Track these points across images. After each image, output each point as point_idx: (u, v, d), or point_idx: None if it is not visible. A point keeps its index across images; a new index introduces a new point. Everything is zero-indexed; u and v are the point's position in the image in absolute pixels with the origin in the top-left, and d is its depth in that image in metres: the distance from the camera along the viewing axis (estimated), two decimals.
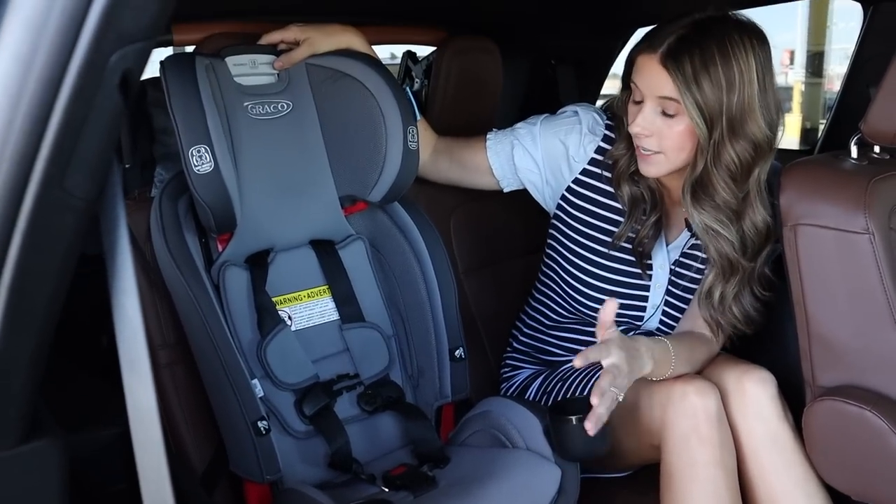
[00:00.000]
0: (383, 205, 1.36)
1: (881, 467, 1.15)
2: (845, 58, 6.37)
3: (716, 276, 1.31)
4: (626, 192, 1.36)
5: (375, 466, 1.25)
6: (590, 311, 1.43)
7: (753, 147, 1.22)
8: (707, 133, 1.20)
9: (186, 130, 1.08)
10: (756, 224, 1.28)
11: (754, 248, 1.29)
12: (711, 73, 1.17)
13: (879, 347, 1.17)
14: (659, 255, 1.40)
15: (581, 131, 1.40)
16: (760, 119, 1.21)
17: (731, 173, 1.23)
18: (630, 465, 1.39)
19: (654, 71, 1.21)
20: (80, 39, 0.42)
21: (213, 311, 1.10)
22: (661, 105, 1.22)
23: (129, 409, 0.55)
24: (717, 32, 1.19)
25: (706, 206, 1.25)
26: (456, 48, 1.68)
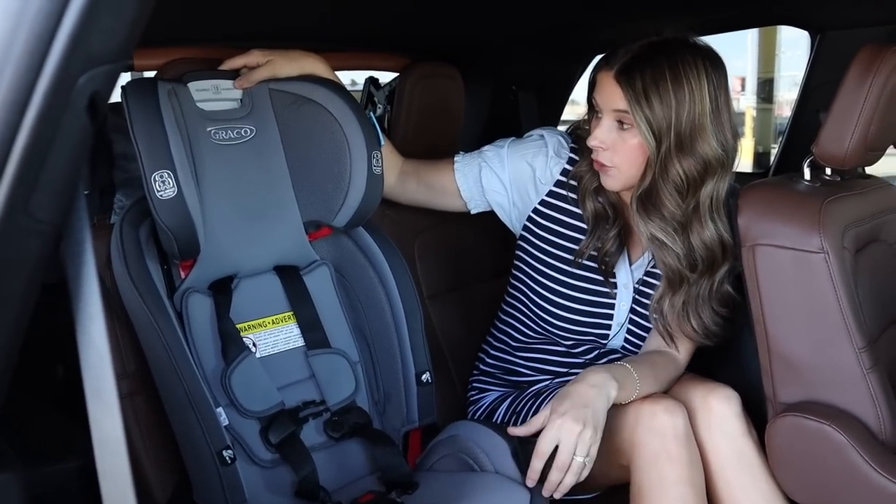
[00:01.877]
0: (348, 230, 1.36)
1: (841, 481, 1.18)
2: (793, 84, 6.57)
3: (665, 289, 1.34)
4: (589, 208, 1.39)
5: (343, 494, 1.23)
6: (557, 329, 1.45)
7: (703, 164, 1.25)
8: (655, 147, 1.24)
9: (149, 156, 1.07)
10: (705, 241, 1.30)
11: (705, 263, 1.32)
12: (661, 89, 1.21)
13: (837, 363, 1.20)
14: (622, 275, 1.42)
15: (547, 154, 1.43)
16: (712, 138, 1.25)
17: (677, 187, 1.26)
18: (598, 486, 1.39)
19: (609, 86, 1.26)
20: (47, 61, 0.41)
21: (176, 339, 1.08)
22: (616, 118, 1.27)
23: (94, 439, 0.53)
24: (670, 53, 1.24)
25: (653, 216, 1.29)
26: (418, 74, 1.70)
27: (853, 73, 1.26)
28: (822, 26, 1.72)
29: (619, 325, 1.43)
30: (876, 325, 1.29)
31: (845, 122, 1.26)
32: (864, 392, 1.19)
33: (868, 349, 1.19)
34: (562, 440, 1.15)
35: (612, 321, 1.43)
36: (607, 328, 1.43)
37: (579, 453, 1.15)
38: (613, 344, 1.45)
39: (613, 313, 1.43)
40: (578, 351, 1.47)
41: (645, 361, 1.32)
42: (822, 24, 1.72)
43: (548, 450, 1.15)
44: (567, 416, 1.15)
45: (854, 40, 1.63)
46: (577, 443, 1.15)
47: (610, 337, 1.44)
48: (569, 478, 1.16)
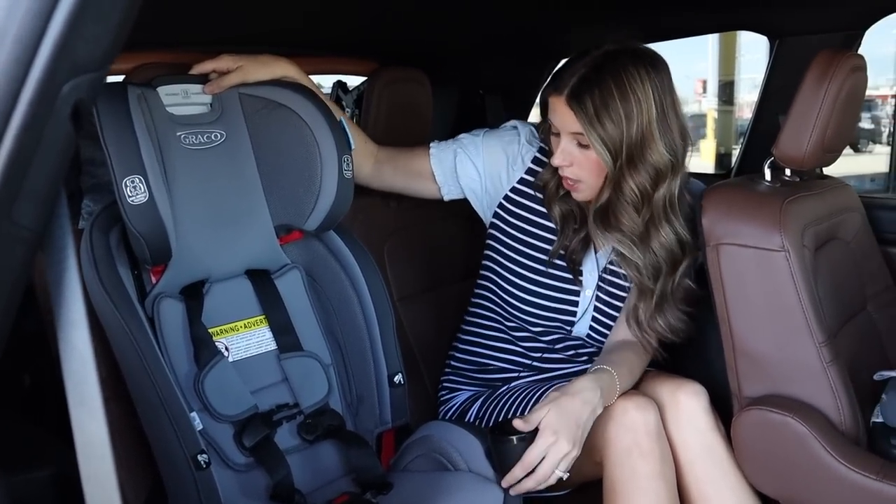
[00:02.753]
0: (319, 233, 1.36)
1: (805, 471, 1.21)
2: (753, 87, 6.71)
3: (637, 296, 1.39)
4: (556, 211, 1.43)
5: (318, 496, 1.24)
6: (525, 314, 1.48)
7: (655, 173, 1.30)
8: (613, 164, 1.28)
9: (120, 161, 1.06)
10: (664, 244, 1.35)
11: (668, 265, 1.36)
12: (611, 109, 1.25)
13: (799, 357, 1.24)
14: (588, 262, 1.46)
15: (520, 141, 1.49)
16: (660, 145, 1.28)
17: (633, 203, 1.31)
18: (572, 483, 1.41)
19: (562, 110, 1.30)
20: (32, 69, 0.42)
21: (148, 344, 1.08)
22: (574, 138, 1.31)
23: (77, 444, 0.53)
24: (614, 68, 1.26)
25: (612, 231, 1.34)
26: (386, 78, 1.71)
27: (810, 78, 1.31)
28: (780, 32, 1.77)
29: (583, 310, 1.46)
30: (835, 320, 1.34)
31: (803, 125, 1.31)
32: (824, 385, 1.23)
33: (828, 344, 1.24)
34: (549, 455, 1.17)
35: (578, 307, 1.46)
36: (573, 314, 1.46)
37: (560, 468, 1.18)
38: (579, 331, 1.48)
39: (579, 300, 1.46)
40: (546, 339, 1.49)
41: (623, 361, 1.35)
42: (781, 30, 1.77)
43: (534, 462, 1.17)
44: (561, 436, 1.17)
45: (811, 46, 1.68)
46: (561, 461, 1.17)
47: (575, 323, 1.47)
48: (539, 486, 1.18)
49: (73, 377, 0.52)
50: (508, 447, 1.19)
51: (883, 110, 7.38)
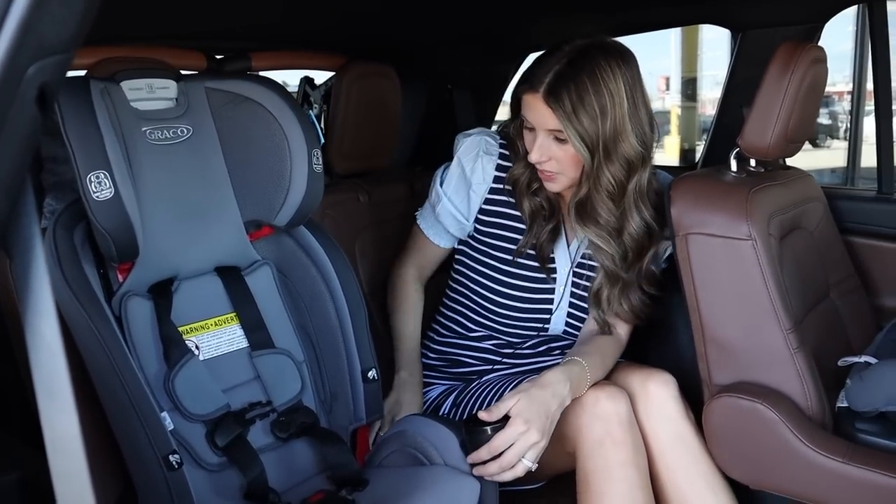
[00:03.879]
0: (289, 229, 1.35)
1: (774, 456, 1.23)
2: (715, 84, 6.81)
3: (603, 280, 1.41)
4: (526, 207, 1.43)
5: (293, 495, 1.22)
6: (500, 318, 1.48)
7: (627, 165, 1.32)
8: (591, 159, 1.29)
9: (84, 156, 1.04)
10: (632, 234, 1.37)
11: (634, 253, 1.39)
12: (587, 104, 1.26)
13: (767, 345, 1.26)
14: (561, 258, 1.47)
15: (476, 159, 1.47)
16: (632, 137, 1.30)
17: (610, 195, 1.33)
18: (545, 475, 1.42)
19: (539, 108, 1.30)
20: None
21: (117, 343, 1.05)
22: (552, 134, 1.32)
23: (46, 440, 0.52)
24: (587, 64, 1.28)
25: (589, 223, 1.36)
26: (355, 73, 1.70)
27: (773, 70, 1.33)
28: (743, 25, 1.80)
29: (557, 305, 1.47)
30: (801, 307, 1.36)
31: (768, 116, 1.33)
32: (791, 371, 1.25)
33: (794, 330, 1.26)
34: (518, 443, 1.17)
35: (553, 304, 1.47)
36: (548, 312, 1.47)
37: (528, 458, 1.18)
38: (555, 328, 1.48)
39: (553, 297, 1.47)
40: (522, 339, 1.50)
41: (595, 352, 1.36)
42: (744, 23, 1.80)
43: (502, 448, 1.17)
44: (532, 426, 1.17)
45: (773, 38, 1.71)
46: (528, 450, 1.18)
47: (552, 320, 1.47)
48: (506, 475, 1.18)
49: (41, 370, 0.50)
50: (482, 438, 1.19)
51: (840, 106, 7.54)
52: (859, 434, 1.23)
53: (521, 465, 1.18)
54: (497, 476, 1.18)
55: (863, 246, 1.68)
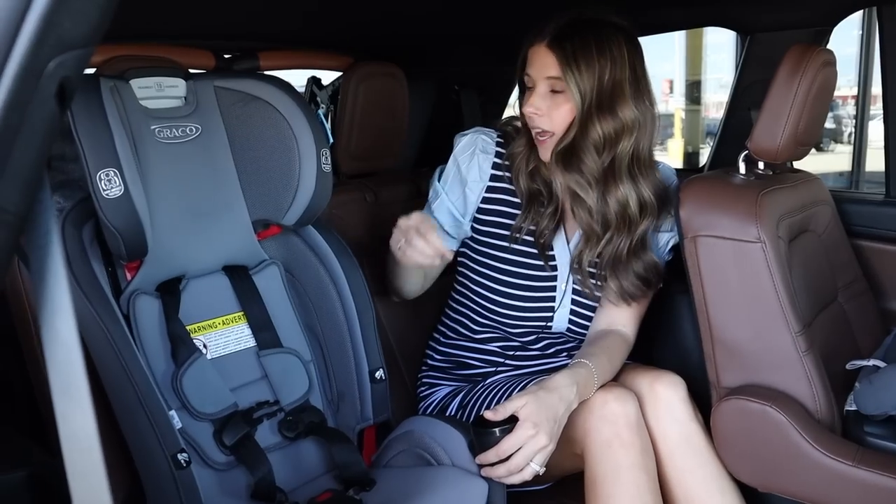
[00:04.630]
0: (297, 228, 1.35)
1: (783, 459, 1.23)
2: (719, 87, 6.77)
3: (584, 242, 1.41)
4: (523, 185, 1.44)
5: (300, 494, 1.22)
6: (503, 317, 1.48)
7: (621, 126, 1.33)
8: (581, 106, 1.31)
9: (94, 154, 1.04)
10: (619, 199, 1.37)
11: (620, 221, 1.38)
12: (587, 55, 1.30)
13: (775, 347, 1.25)
14: (561, 253, 1.47)
15: (474, 154, 1.47)
16: (631, 103, 1.33)
17: (595, 144, 1.33)
18: (552, 477, 1.42)
19: (542, 55, 1.34)
20: (16, 44, 0.40)
21: (126, 341, 1.05)
22: (549, 85, 1.33)
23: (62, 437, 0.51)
24: (593, 27, 1.33)
25: (572, 171, 1.36)
26: (362, 73, 1.70)
27: (783, 73, 1.33)
28: (752, 28, 1.80)
29: (559, 302, 1.47)
30: (809, 310, 1.36)
31: (777, 119, 1.33)
32: (800, 374, 1.25)
33: (803, 333, 1.25)
34: (526, 447, 1.16)
35: (555, 302, 1.47)
36: (550, 310, 1.47)
37: (536, 461, 1.17)
38: (558, 326, 1.48)
39: (555, 295, 1.47)
40: (526, 340, 1.49)
41: (602, 353, 1.35)
42: (752, 26, 1.79)
43: (510, 451, 1.17)
44: (541, 429, 1.17)
45: (782, 42, 1.71)
46: (536, 454, 1.17)
47: (555, 319, 1.47)
48: (514, 478, 1.18)
49: (57, 367, 0.50)
50: (491, 439, 1.18)
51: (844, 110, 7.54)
52: (868, 437, 1.23)
53: (529, 468, 1.17)
54: (505, 479, 1.18)
55: (871, 249, 1.67)
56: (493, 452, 1.17)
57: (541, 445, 1.17)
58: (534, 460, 1.17)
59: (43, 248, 0.49)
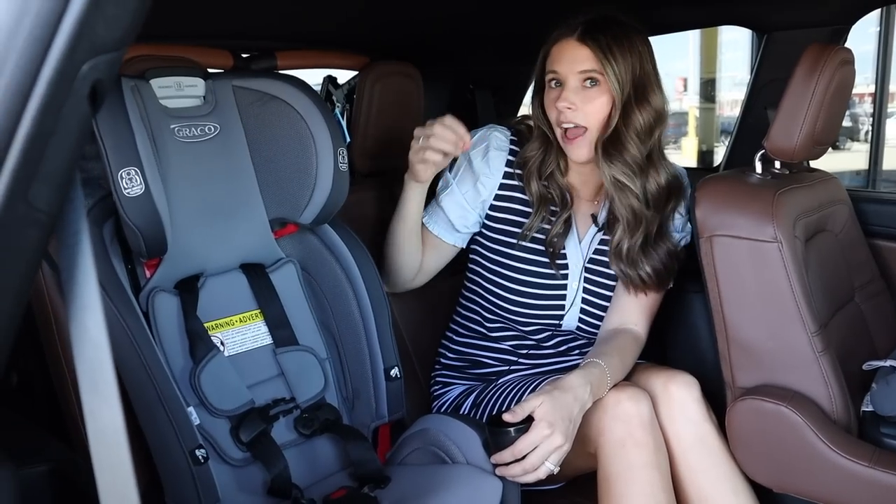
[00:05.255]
0: (314, 227, 1.36)
1: (798, 459, 1.23)
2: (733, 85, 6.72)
3: (623, 232, 1.41)
4: (534, 189, 1.44)
5: (315, 491, 1.23)
6: (513, 314, 1.48)
7: (656, 113, 1.36)
8: (621, 95, 1.33)
9: (115, 152, 1.05)
10: (659, 182, 1.40)
11: (656, 202, 1.41)
12: (621, 46, 1.33)
13: (791, 347, 1.25)
14: (573, 253, 1.47)
15: (486, 149, 1.48)
16: (658, 91, 1.37)
17: (638, 132, 1.35)
18: (565, 476, 1.42)
19: (573, 49, 1.35)
20: (52, 47, 0.41)
21: (145, 338, 1.07)
22: (582, 79, 1.34)
23: (90, 433, 0.52)
24: (614, 21, 1.36)
25: (616, 160, 1.36)
26: (378, 73, 1.70)
27: (800, 72, 1.32)
28: (769, 27, 1.79)
29: (571, 302, 1.47)
30: (825, 310, 1.35)
31: (794, 118, 1.32)
32: (816, 374, 1.25)
33: (819, 333, 1.25)
34: (542, 446, 1.17)
35: (566, 301, 1.47)
36: (561, 308, 1.47)
37: (551, 461, 1.18)
38: (568, 325, 1.48)
39: (566, 293, 1.47)
40: (538, 337, 1.50)
41: (615, 352, 1.35)
42: (770, 25, 1.79)
43: (526, 451, 1.17)
44: (556, 429, 1.17)
45: (799, 40, 1.70)
46: (552, 453, 1.18)
47: (565, 318, 1.48)
48: (529, 477, 1.18)
49: (85, 363, 0.51)
50: (506, 439, 1.19)
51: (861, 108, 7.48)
52: (885, 438, 1.23)
53: (544, 468, 1.18)
54: (520, 478, 1.19)
55: (888, 249, 1.66)
56: (509, 452, 1.18)
57: (556, 445, 1.17)
58: (549, 459, 1.18)
59: (73, 246, 0.50)
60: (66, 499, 1.04)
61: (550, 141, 1.43)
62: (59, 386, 1.17)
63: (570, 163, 1.43)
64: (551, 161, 1.43)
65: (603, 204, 1.47)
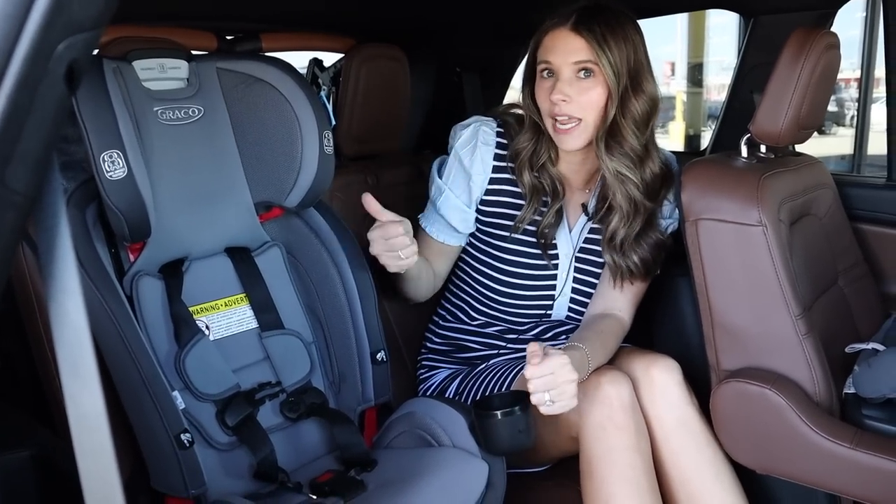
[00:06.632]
0: (299, 210, 1.35)
1: (781, 441, 1.24)
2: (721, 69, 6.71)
3: (619, 221, 1.41)
4: (526, 180, 1.43)
5: (301, 474, 1.23)
6: (502, 305, 1.48)
7: (651, 102, 1.35)
8: (617, 85, 1.31)
9: (97, 135, 1.04)
10: (654, 171, 1.40)
11: (651, 191, 1.41)
12: (615, 35, 1.31)
13: (776, 331, 1.26)
14: (563, 243, 1.47)
15: (475, 147, 1.45)
16: (651, 78, 1.36)
17: (636, 122, 1.34)
18: (550, 459, 1.43)
19: (567, 39, 1.32)
20: (27, 26, 0.40)
21: (129, 322, 1.06)
22: (576, 70, 1.32)
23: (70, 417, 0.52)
24: (606, 9, 1.34)
25: (616, 153, 1.35)
26: (364, 55, 1.69)
27: (786, 56, 1.32)
28: (755, 11, 1.79)
29: (560, 292, 1.47)
30: (809, 294, 1.36)
31: (779, 102, 1.32)
32: (800, 357, 1.26)
33: (803, 316, 1.26)
34: (556, 374, 1.15)
35: (555, 291, 1.47)
36: (551, 299, 1.47)
37: (553, 395, 1.16)
38: (557, 314, 1.49)
39: (556, 283, 1.47)
40: (525, 327, 1.50)
41: (596, 336, 1.35)
42: (756, 8, 1.78)
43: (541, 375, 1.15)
44: (567, 365, 1.17)
45: (785, 24, 1.70)
46: (558, 384, 1.15)
47: (554, 307, 1.48)
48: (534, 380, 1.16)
49: (66, 347, 0.51)
50: (493, 421, 1.19)
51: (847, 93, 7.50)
52: (866, 420, 1.24)
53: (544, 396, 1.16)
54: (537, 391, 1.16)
55: (872, 233, 1.68)
56: (532, 368, 1.16)
57: (570, 378, 1.16)
58: (550, 392, 1.16)
59: (51, 229, 0.50)
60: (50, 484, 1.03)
61: (542, 131, 1.41)
62: (42, 369, 1.16)
63: (560, 152, 1.42)
64: (543, 152, 1.41)
65: (593, 192, 1.47)
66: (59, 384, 1.12)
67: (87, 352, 0.51)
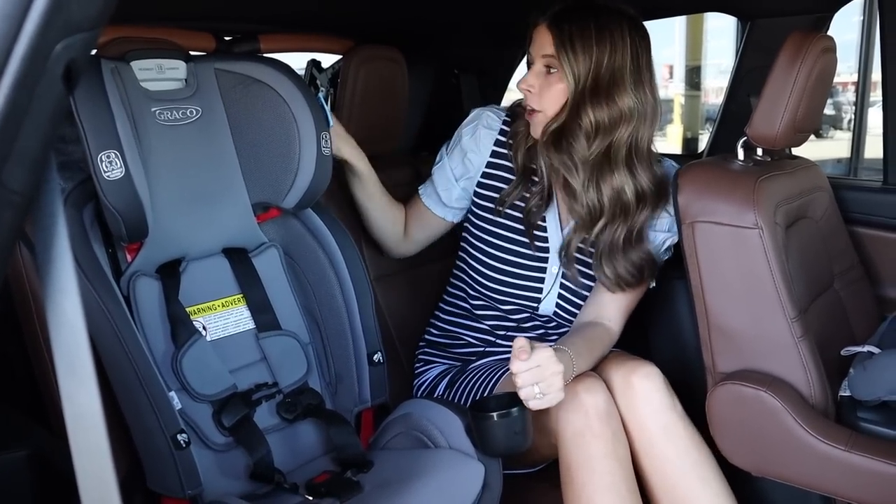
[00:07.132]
0: (297, 211, 1.35)
1: (777, 443, 1.24)
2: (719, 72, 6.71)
3: (573, 229, 1.42)
4: (520, 160, 1.47)
5: (298, 475, 1.23)
6: (493, 292, 1.50)
7: (619, 115, 1.33)
8: (574, 89, 1.32)
9: (95, 135, 1.04)
10: (616, 188, 1.37)
11: (615, 210, 1.38)
12: (584, 39, 1.31)
13: (772, 333, 1.26)
14: (554, 239, 1.49)
15: (476, 127, 1.51)
16: (630, 93, 1.33)
17: (586, 132, 1.34)
18: (543, 459, 1.43)
19: (541, 33, 1.37)
20: (25, 25, 0.41)
21: (126, 323, 1.06)
22: (545, 64, 1.36)
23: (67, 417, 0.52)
24: (598, 12, 1.34)
25: (560, 152, 1.37)
26: (362, 57, 1.69)
27: (782, 59, 1.33)
28: (752, 14, 1.79)
29: (549, 288, 1.48)
30: (805, 297, 1.37)
31: (776, 105, 1.33)
32: (795, 360, 1.26)
33: (799, 319, 1.26)
34: (543, 366, 1.16)
35: (543, 284, 1.48)
36: (539, 290, 1.48)
37: (541, 386, 1.17)
38: (545, 309, 1.49)
39: (545, 276, 1.48)
40: (514, 318, 1.51)
41: (583, 342, 1.34)
42: (753, 12, 1.79)
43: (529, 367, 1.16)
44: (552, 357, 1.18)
45: (782, 28, 1.71)
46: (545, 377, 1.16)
47: (542, 300, 1.48)
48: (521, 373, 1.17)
49: (62, 347, 0.51)
50: (489, 423, 1.19)
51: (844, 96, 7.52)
52: (861, 423, 1.24)
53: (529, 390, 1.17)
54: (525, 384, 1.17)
55: (867, 236, 1.68)
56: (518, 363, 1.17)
57: (556, 370, 1.17)
58: (539, 384, 1.17)
59: (48, 228, 0.50)
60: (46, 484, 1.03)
61: None
62: (39, 369, 1.16)
63: None
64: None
65: None
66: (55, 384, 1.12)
67: (84, 352, 0.51)
